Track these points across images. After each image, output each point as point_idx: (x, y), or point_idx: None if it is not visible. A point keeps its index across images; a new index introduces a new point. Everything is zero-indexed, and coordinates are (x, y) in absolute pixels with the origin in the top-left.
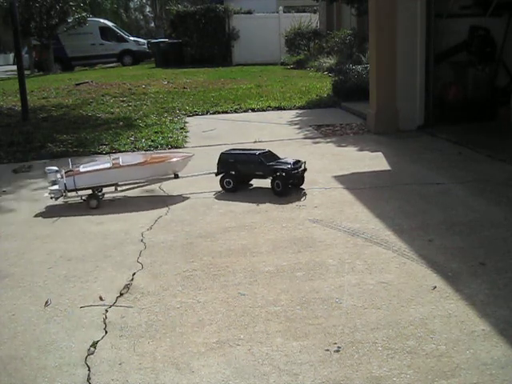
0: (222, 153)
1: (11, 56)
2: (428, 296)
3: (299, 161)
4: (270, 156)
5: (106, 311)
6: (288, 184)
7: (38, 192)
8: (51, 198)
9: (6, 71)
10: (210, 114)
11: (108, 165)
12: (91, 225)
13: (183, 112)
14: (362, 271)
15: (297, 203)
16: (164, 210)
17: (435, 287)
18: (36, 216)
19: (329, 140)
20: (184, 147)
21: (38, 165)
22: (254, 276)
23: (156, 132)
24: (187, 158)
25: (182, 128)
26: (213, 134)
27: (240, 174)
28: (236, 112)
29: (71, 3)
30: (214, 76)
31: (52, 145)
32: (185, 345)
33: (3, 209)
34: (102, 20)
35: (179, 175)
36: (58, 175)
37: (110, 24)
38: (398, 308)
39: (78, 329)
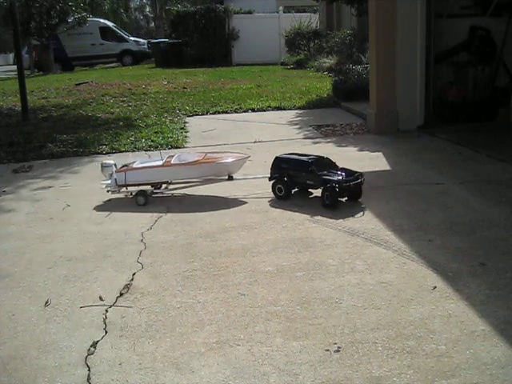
0: (276, 156)
1: (11, 56)
2: (428, 296)
3: (355, 172)
4: (325, 164)
5: (106, 311)
6: (337, 197)
7: (38, 192)
8: (107, 191)
9: (6, 71)
10: (210, 114)
11: (160, 162)
12: (91, 225)
13: (183, 112)
14: (362, 271)
15: (297, 203)
16: (164, 210)
17: (435, 287)
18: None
19: (329, 140)
20: (184, 147)
21: (38, 165)
22: (254, 276)
23: (156, 132)
24: (243, 159)
25: (182, 128)
26: (213, 134)
27: (292, 181)
28: (236, 112)
29: (71, 3)
30: (214, 76)
31: (52, 145)
32: (185, 345)
33: (3, 209)
34: (102, 20)
35: (233, 177)
36: (114, 169)
37: (110, 24)
38: (398, 308)
39: (78, 329)
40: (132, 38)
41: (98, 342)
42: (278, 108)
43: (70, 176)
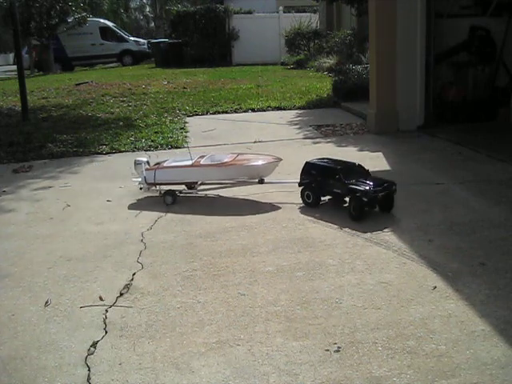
0: (306, 162)
1: (11, 56)
2: (428, 296)
3: (385, 182)
4: (355, 172)
5: (106, 311)
6: (363, 208)
7: (38, 192)
8: (140, 189)
9: (6, 71)
10: (210, 114)
11: (189, 162)
12: (91, 225)
13: (183, 112)
14: (362, 271)
15: (297, 203)
16: (164, 210)
17: (435, 287)
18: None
19: (329, 140)
20: (184, 147)
21: (38, 165)
22: (254, 276)
23: (156, 132)
24: (275, 162)
25: (182, 128)
26: (213, 134)
27: (321, 188)
28: (236, 112)
29: (71, 3)
30: (214, 76)
31: (52, 145)
32: (185, 345)
33: (3, 209)
34: (102, 20)
35: (264, 180)
36: (146, 166)
37: (110, 24)
38: (398, 308)
39: (78, 329)
40: (132, 38)
41: (97, 342)
42: (278, 108)
43: (70, 176)
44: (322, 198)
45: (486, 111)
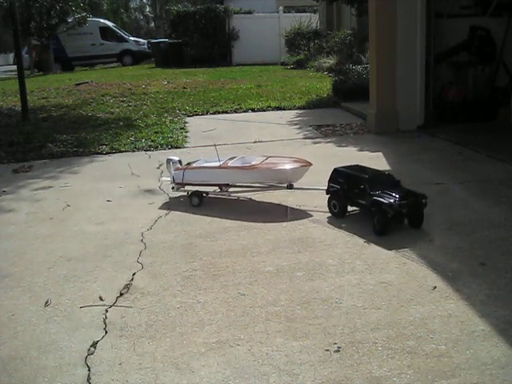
0: (334, 169)
1: (11, 56)
2: (428, 296)
3: (414, 193)
4: (383, 182)
5: (106, 311)
6: (387, 222)
7: (38, 192)
8: (172, 188)
9: (6, 71)
10: (210, 114)
11: (217, 164)
12: (91, 225)
13: (183, 112)
14: (362, 271)
15: (297, 204)
16: (164, 210)
17: (435, 287)
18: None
19: (329, 140)
20: (184, 147)
21: (38, 165)
22: (254, 276)
23: (156, 132)
24: (304, 166)
25: (182, 128)
26: (213, 134)
27: (347, 197)
28: (236, 112)
29: (71, 3)
30: (214, 76)
31: (52, 145)
32: (185, 345)
33: (3, 209)
34: (102, 20)
35: (293, 185)
36: (177, 166)
37: (110, 24)
38: (398, 308)
39: (78, 329)
40: (132, 38)
41: (97, 342)
42: (278, 108)
43: (70, 176)
44: (350, 209)
45: (486, 111)
